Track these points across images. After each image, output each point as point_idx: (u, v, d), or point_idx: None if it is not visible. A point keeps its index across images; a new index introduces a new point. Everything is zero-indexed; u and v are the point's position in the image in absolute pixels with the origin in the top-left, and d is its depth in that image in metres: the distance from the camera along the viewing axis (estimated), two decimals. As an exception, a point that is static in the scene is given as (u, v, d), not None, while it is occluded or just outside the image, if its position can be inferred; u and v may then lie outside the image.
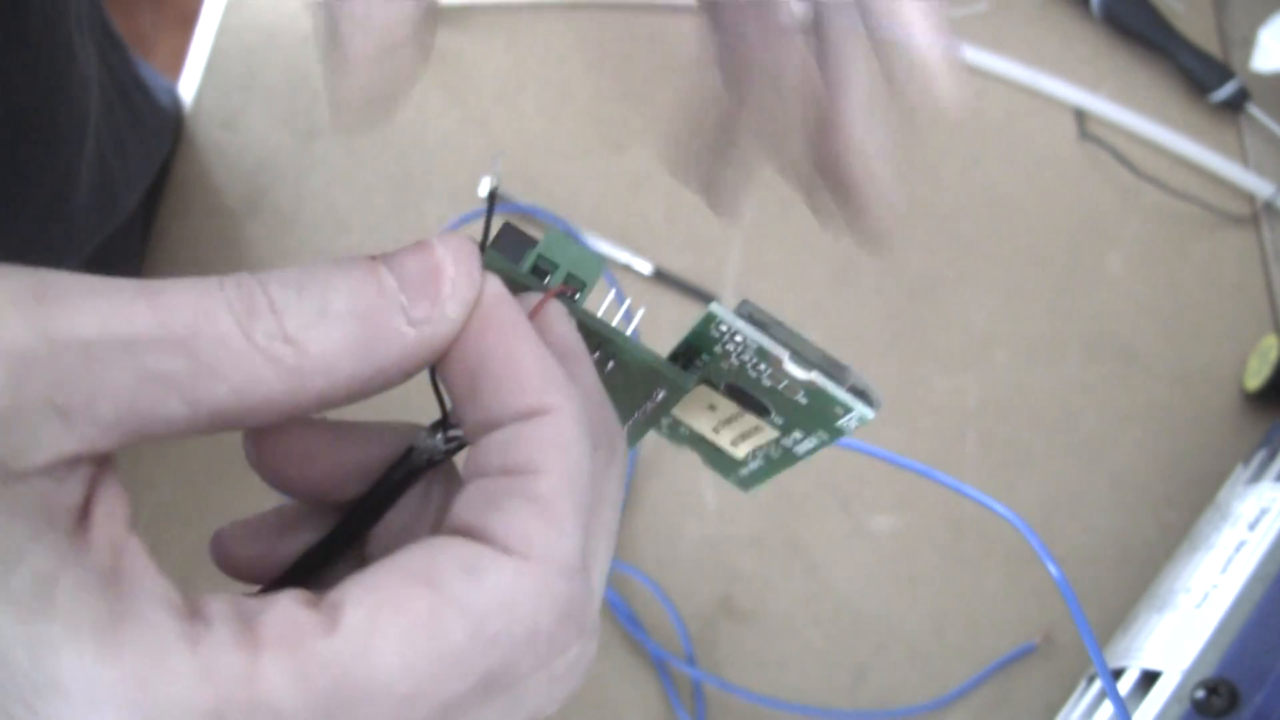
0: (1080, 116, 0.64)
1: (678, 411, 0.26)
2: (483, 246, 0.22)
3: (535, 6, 0.66)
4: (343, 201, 0.60)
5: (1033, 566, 0.51)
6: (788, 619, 0.51)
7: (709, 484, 0.53)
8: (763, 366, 0.23)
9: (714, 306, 0.23)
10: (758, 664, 0.50)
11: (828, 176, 0.30)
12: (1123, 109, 0.63)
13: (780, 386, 0.23)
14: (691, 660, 0.49)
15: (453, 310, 0.21)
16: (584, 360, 0.23)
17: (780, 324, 0.23)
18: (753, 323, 0.23)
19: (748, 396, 0.24)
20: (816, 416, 0.24)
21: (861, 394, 0.23)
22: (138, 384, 0.18)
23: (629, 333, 0.24)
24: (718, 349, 0.23)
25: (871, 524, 0.53)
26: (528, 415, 0.20)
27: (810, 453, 0.25)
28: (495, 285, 0.21)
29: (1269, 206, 0.61)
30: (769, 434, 0.25)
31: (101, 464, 0.19)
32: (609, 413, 0.23)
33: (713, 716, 0.49)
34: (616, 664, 0.49)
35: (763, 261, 0.58)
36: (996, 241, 0.60)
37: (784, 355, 0.23)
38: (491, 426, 0.21)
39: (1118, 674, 0.44)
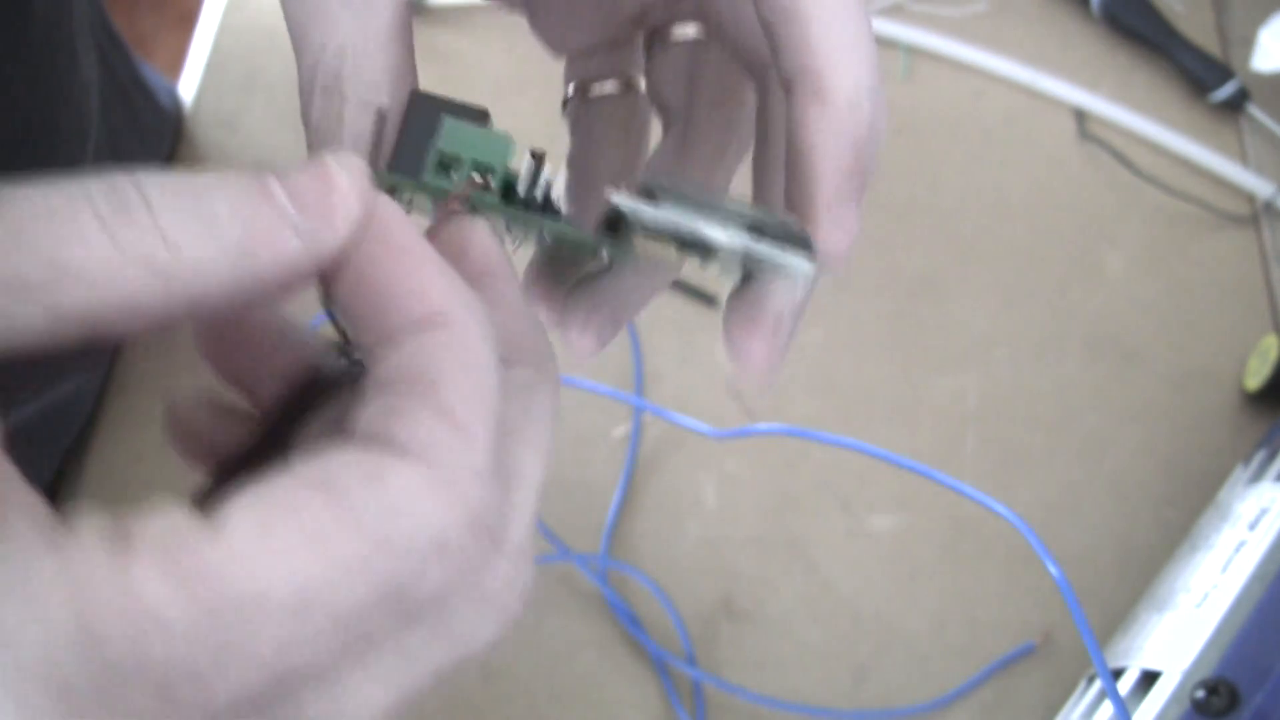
0: (1080, 116, 0.64)
1: (637, 253, 0.25)
2: (391, 164, 0.22)
3: (535, 6, 0.66)
4: (343, 201, 0.60)
5: (1033, 566, 0.51)
6: (788, 619, 0.51)
7: (709, 484, 0.53)
8: (690, 237, 0.22)
9: (616, 198, 0.22)
10: (758, 664, 0.50)
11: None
12: (1123, 109, 0.63)
13: (717, 250, 0.23)
14: (691, 660, 0.49)
15: (341, 225, 0.20)
16: (503, 275, 0.22)
17: (695, 187, 0.22)
18: (665, 203, 0.22)
19: (692, 245, 0.23)
20: (759, 267, 0.23)
21: (798, 241, 0.22)
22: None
23: (557, 202, 0.24)
24: (638, 229, 0.23)
25: (871, 524, 0.52)
26: (425, 325, 0.19)
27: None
28: (389, 206, 0.20)
29: (1269, 206, 0.61)
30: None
31: None
32: (534, 330, 0.22)
33: (713, 716, 0.49)
34: (616, 664, 0.49)
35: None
36: (996, 241, 0.60)
37: (707, 232, 0.22)
38: (390, 338, 0.20)
39: (1118, 674, 0.44)
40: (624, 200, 0.22)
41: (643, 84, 0.31)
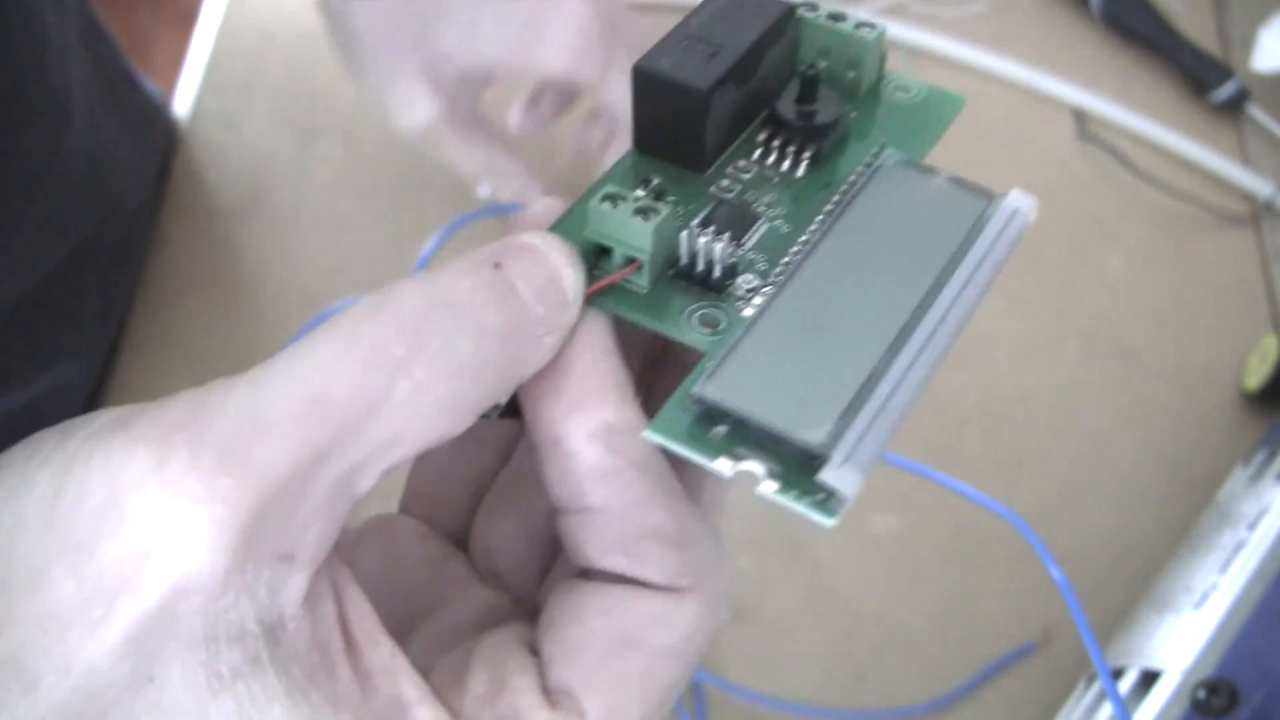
0: (1080, 117, 0.64)
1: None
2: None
3: (535, 6, 0.66)
4: (343, 201, 0.60)
5: (1033, 566, 0.51)
6: (788, 619, 0.51)
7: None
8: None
9: (649, 434, 0.20)
10: (758, 664, 0.50)
11: None
12: (1122, 109, 0.63)
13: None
14: (691, 660, 0.49)
15: (573, 314, 0.21)
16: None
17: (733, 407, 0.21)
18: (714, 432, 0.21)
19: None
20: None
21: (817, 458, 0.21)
22: (328, 493, 0.18)
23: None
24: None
25: (871, 524, 0.52)
26: (666, 589, 0.22)
27: None
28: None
29: (1268, 206, 0.61)
30: None
31: (330, 570, 0.19)
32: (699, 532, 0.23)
33: (713, 716, 0.49)
34: (617, 664, 0.49)
35: (763, 261, 0.58)
36: (996, 241, 0.60)
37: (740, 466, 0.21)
38: (619, 576, 0.22)
39: (1118, 674, 0.44)
40: (660, 440, 0.21)
41: None
